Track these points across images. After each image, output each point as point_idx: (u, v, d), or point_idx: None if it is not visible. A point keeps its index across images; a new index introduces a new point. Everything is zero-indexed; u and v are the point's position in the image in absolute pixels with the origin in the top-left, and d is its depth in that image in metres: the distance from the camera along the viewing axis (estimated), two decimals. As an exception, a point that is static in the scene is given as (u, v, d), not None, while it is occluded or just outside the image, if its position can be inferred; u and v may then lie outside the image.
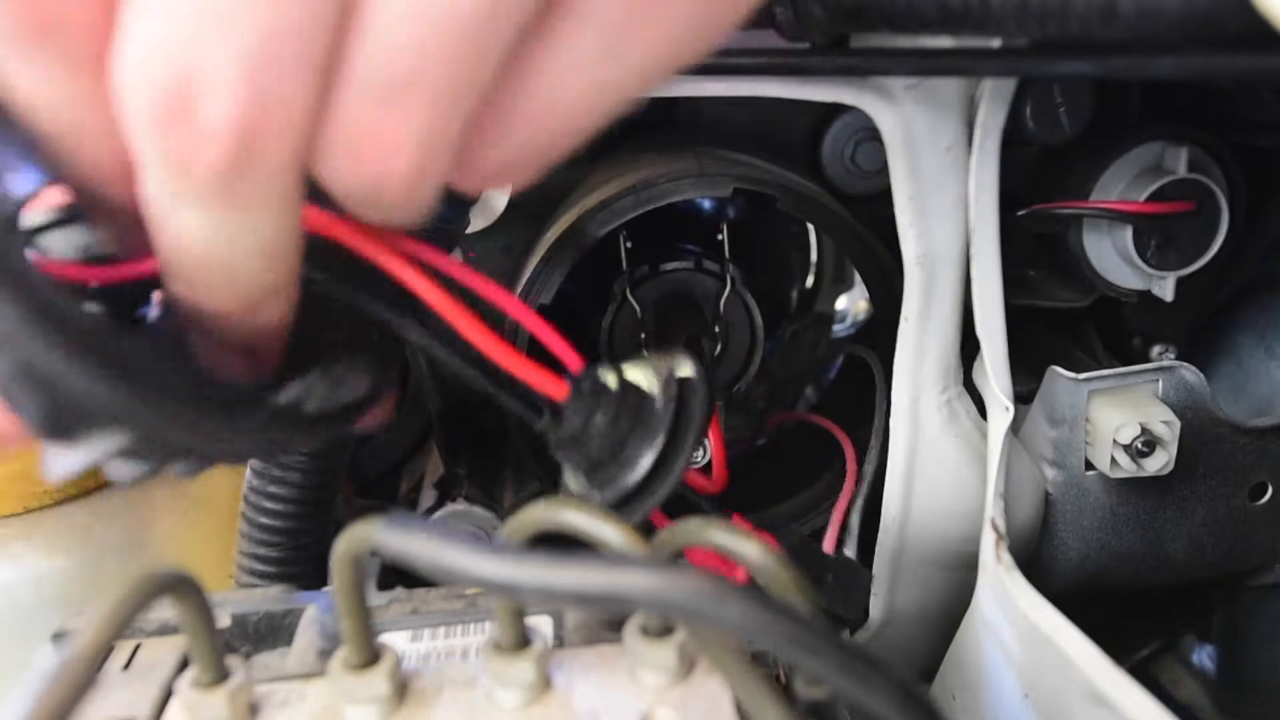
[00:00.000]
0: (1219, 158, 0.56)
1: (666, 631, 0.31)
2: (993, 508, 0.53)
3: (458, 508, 0.62)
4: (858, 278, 0.68)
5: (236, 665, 0.31)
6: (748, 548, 0.27)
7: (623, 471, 0.33)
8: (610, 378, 0.35)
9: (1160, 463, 0.52)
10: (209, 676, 0.30)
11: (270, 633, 0.37)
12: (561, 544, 0.26)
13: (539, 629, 0.32)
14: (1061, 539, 0.57)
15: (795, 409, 0.76)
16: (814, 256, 0.80)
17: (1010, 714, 0.51)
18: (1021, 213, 0.58)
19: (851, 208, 0.60)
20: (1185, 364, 0.54)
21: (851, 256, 0.60)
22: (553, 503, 0.28)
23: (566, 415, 0.34)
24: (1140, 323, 0.64)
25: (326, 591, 0.39)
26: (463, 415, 0.66)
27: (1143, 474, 0.53)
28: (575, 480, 0.35)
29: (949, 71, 0.51)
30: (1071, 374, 0.54)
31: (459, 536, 0.26)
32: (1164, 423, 0.52)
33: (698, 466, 0.64)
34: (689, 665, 0.31)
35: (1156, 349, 0.64)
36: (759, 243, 0.73)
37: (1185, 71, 0.44)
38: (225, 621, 0.37)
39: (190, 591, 0.29)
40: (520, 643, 0.31)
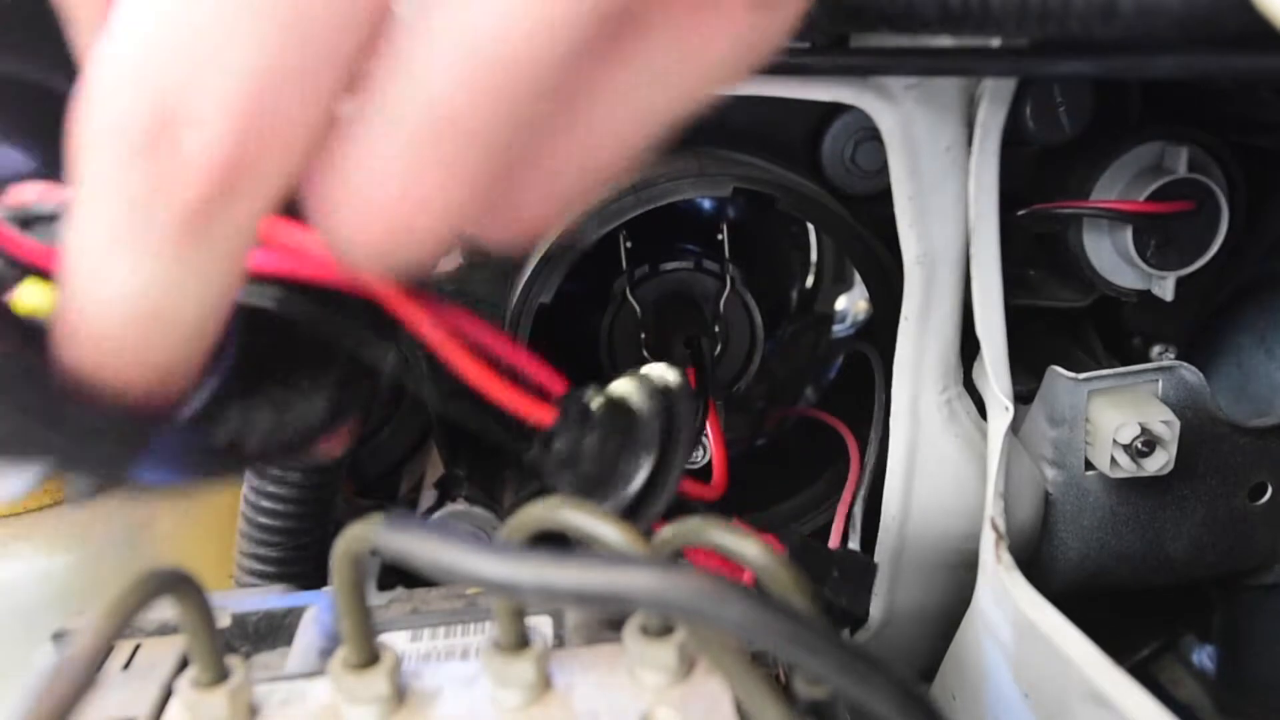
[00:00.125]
0: (1219, 157, 0.56)
1: (666, 631, 0.31)
2: (993, 507, 0.53)
3: (458, 508, 0.62)
4: (858, 278, 0.68)
5: (236, 665, 0.31)
6: (748, 548, 0.27)
7: (618, 490, 0.33)
8: (596, 398, 0.35)
9: (1160, 463, 0.52)
10: (209, 676, 0.30)
11: (270, 632, 0.37)
12: (561, 544, 0.26)
13: (539, 629, 0.32)
14: (1061, 539, 0.57)
15: (796, 407, 0.76)
16: (814, 256, 0.80)
17: (1010, 714, 0.51)
18: (1021, 212, 0.58)
19: (851, 207, 0.60)
20: (1185, 364, 0.54)
21: (851, 256, 0.60)
22: (552, 502, 0.28)
23: (556, 441, 0.34)
24: (1140, 323, 0.64)
25: (326, 591, 0.39)
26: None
27: (1142, 474, 0.53)
28: None
29: (949, 71, 0.51)
30: (1071, 374, 0.54)
31: (459, 536, 0.26)
32: (1164, 423, 0.52)
33: (697, 466, 0.64)
34: (689, 665, 0.31)
35: (1156, 349, 0.64)
36: (759, 242, 0.73)
37: (1185, 71, 0.44)
38: (225, 621, 0.37)
39: (190, 591, 0.29)
40: (520, 642, 0.31)
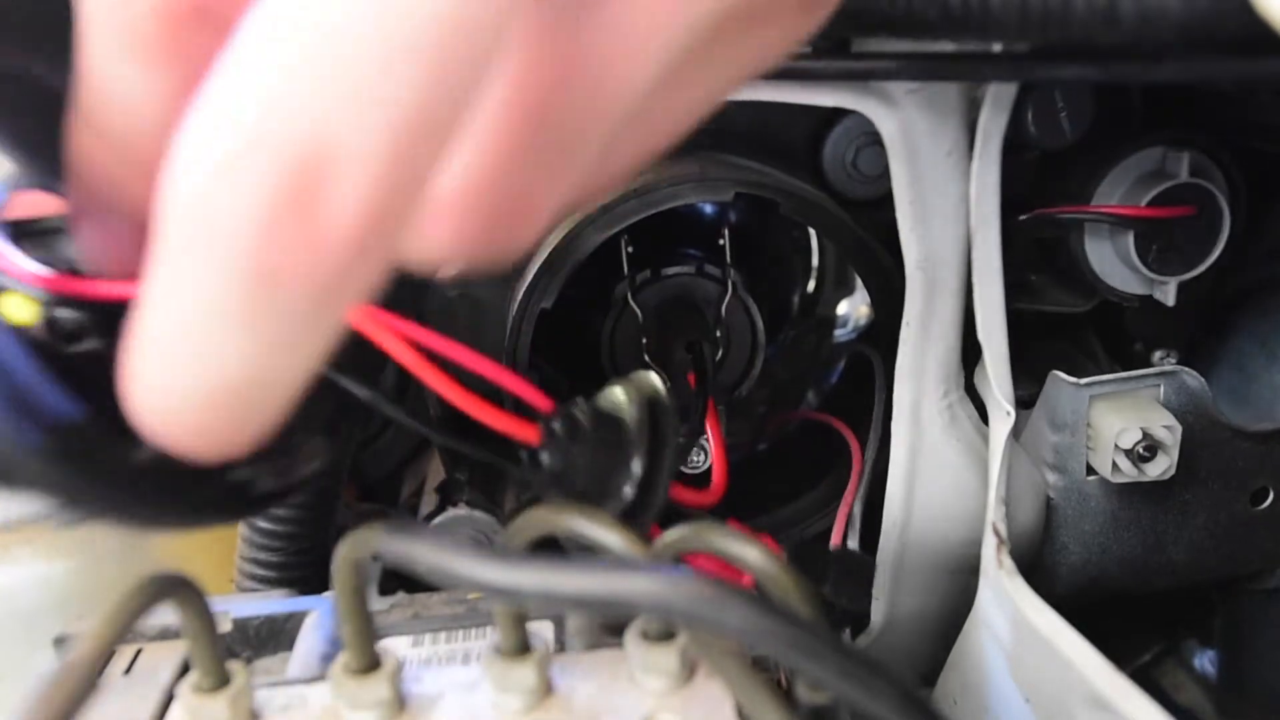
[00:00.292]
0: (1220, 162, 0.56)
1: (668, 636, 0.31)
2: (994, 512, 0.53)
3: (459, 512, 0.62)
4: (859, 282, 0.68)
5: (238, 670, 0.31)
6: (749, 552, 0.27)
7: (608, 501, 0.34)
8: (581, 412, 0.35)
9: (1162, 468, 0.52)
10: (210, 681, 0.30)
11: (271, 637, 0.37)
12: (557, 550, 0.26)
13: (540, 634, 0.32)
14: (1063, 543, 0.57)
15: (797, 411, 0.76)
16: (815, 261, 0.80)
17: (1011, 718, 0.51)
18: (1023, 217, 0.58)
19: (853, 212, 0.60)
20: (1187, 369, 0.54)
21: (853, 261, 0.60)
22: (554, 507, 0.28)
23: (543, 457, 0.35)
24: (1142, 327, 0.64)
25: (328, 596, 0.39)
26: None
27: (1144, 479, 0.53)
28: None
29: (950, 76, 0.51)
30: (1073, 379, 0.54)
31: (461, 541, 0.26)
32: (1165, 428, 0.52)
33: (698, 472, 0.64)
34: (690, 670, 0.31)
35: (1158, 354, 0.64)
36: (761, 247, 0.73)
37: (1186, 75, 0.44)
38: (226, 626, 0.37)
39: (192, 596, 0.29)
40: (522, 647, 0.31)
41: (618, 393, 0.35)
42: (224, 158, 0.16)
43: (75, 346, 0.28)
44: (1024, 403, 0.56)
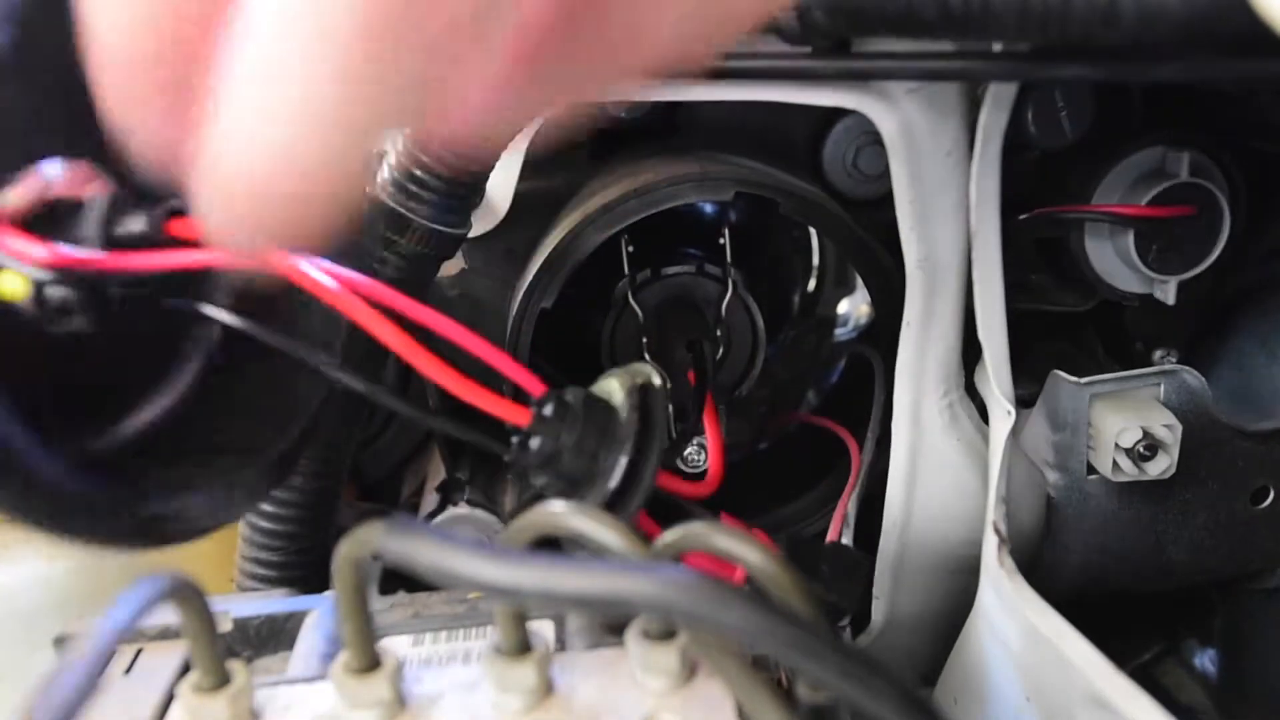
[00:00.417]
0: (1220, 162, 0.56)
1: (668, 635, 0.31)
2: (995, 511, 0.53)
3: (460, 512, 0.62)
4: (860, 281, 0.68)
5: (238, 670, 0.31)
6: (748, 551, 0.27)
7: (597, 484, 0.34)
8: (573, 396, 0.35)
9: (1162, 467, 0.52)
10: (210, 681, 0.30)
11: (272, 637, 0.37)
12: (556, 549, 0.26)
13: (541, 633, 0.32)
14: (1063, 543, 0.57)
15: (797, 413, 0.76)
16: (816, 260, 0.80)
17: (1012, 717, 0.51)
18: (1023, 217, 0.58)
19: (853, 212, 0.60)
20: (1187, 368, 0.54)
21: (853, 261, 0.60)
22: (555, 507, 0.28)
23: (533, 440, 0.35)
24: (1142, 327, 0.64)
25: (328, 596, 0.39)
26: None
27: (1144, 478, 0.53)
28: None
29: (950, 76, 0.51)
30: (1073, 378, 0.54)
31: (461, 541, 0.26)
32: (1166, 427, 0.52)
33: (697, 472, 0.64)
34: (691, 669, 0.31)
35: (1158, 353, 0.64)
36: (761, 247, 0.73)
37: (1186, 75, 0.44)
38: (227, 626, 0.37)
39: (192, 596, 0.29)
40: (522, 647, 0.31)
41: (611, 380, 0.35)
42: None
43: (61, 324, 0.28)
44: (1024, 402, 0.56)
